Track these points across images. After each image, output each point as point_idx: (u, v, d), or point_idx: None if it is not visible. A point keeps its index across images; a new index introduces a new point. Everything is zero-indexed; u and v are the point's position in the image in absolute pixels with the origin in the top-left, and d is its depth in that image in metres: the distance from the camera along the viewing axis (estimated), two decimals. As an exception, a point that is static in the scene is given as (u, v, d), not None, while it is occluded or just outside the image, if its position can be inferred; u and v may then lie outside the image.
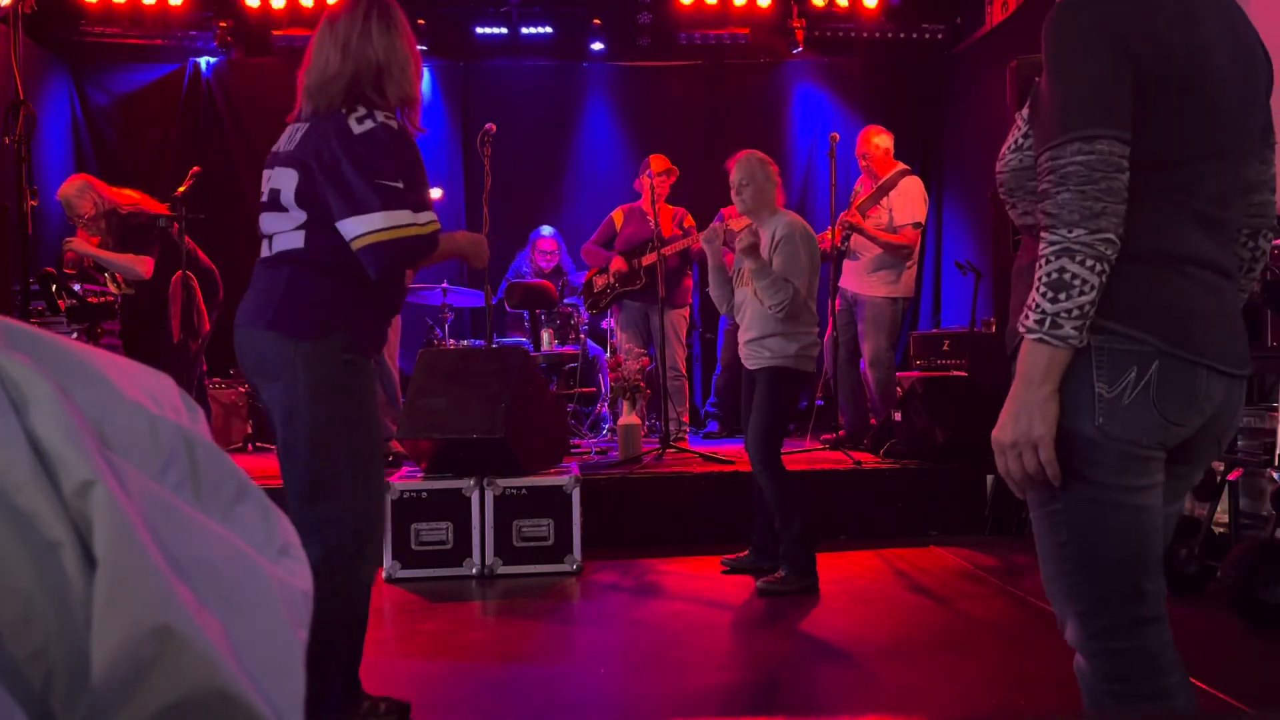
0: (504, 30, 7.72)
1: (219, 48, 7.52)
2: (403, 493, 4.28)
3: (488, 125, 5.15)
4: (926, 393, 5.32)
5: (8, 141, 4.64)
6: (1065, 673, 1.57)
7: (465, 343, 6.57)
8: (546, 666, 3.27)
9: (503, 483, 4.34)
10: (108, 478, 0.46)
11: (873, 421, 5.96)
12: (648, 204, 5.98)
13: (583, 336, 6.59)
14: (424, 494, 4.31)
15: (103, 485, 0.45)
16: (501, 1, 7.57)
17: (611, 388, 5.89)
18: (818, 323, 4.10)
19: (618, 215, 6.48)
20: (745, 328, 4.12)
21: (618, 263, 6.29)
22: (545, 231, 7.13)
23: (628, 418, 5.41)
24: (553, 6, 7.67)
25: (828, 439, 5.93)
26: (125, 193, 5.24)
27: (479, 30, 7.74)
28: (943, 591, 4.03)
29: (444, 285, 6.38)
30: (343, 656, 2.50)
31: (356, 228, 2.35)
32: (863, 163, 6.04)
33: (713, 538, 4.78)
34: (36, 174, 5.78)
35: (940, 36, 7.93)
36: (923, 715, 2.80)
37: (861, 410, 6.06)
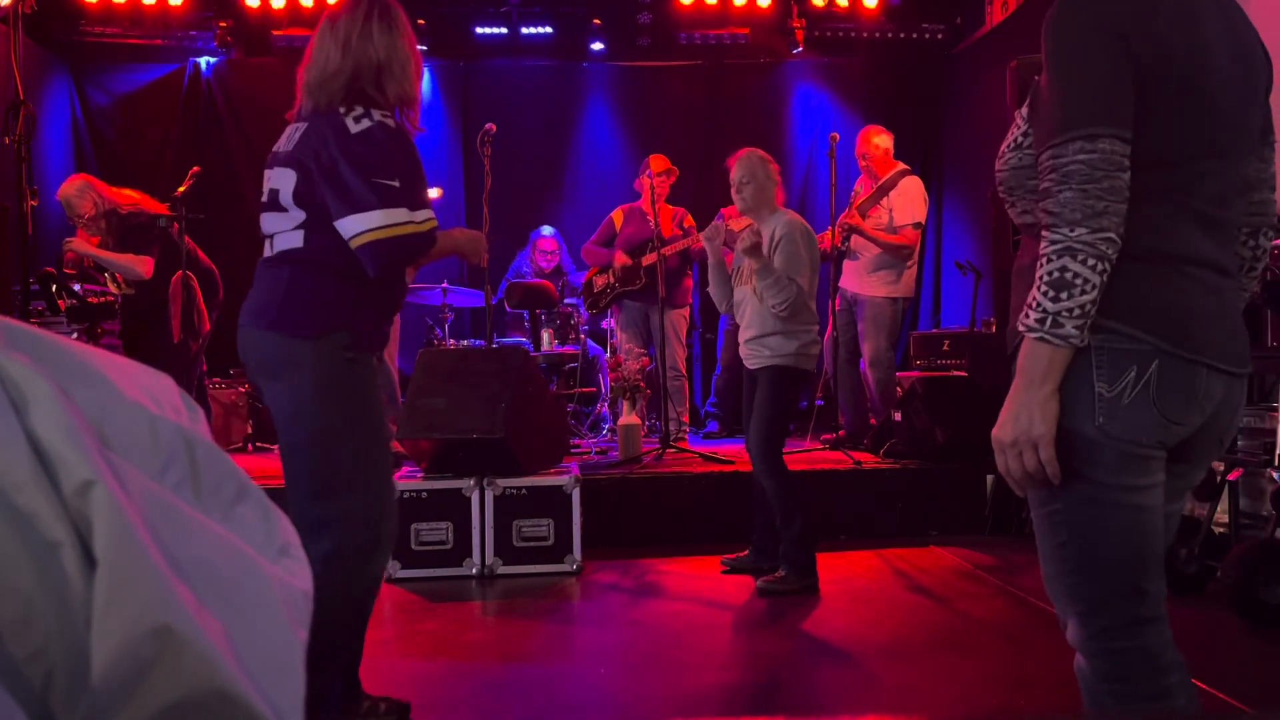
0: (504, 30, 7.72)
1: (219, 48, 7.52)
2: (403, 493, 4.27)
3: (488, 125, 5.16)
4: (926, 393, 5.32)
5: (8, 141, 4.64)
6: (1065, 673, 1.57)
7: (465, 343, 6.57)
8: (546, 666, 3.27)
9: (503, 483, 4.34)
10: (108, 478, 0.46)
11: (873, 421, 5.96)
12: (648, 204, 5.98)
13: (583, 336, 6.59)
14: (424, 494, 4.31)
15: (103, 485, 0.45)
16: (501, 1, 7.57)
17: (611, 388, 5.89)
18: (817, 321, 4.10)
19: (618, 215, 6.48)
20: (745, 326, 4.12)
21: (621, 257, 6.28)
22: (545, 231, 7.13)
23: (628, 418, 5.41)
24: (553, 6, 7.67)
25: (828, 439, 5.93)
26: (125, 193, 5.25)
27: (479, 30, 7.74)
28: (943, 591, 4.03)
29: (444, 285, 6.38)
30: (344, 656, 2.50)
31: (354, 226, 2.36)
32: (862, 163, 6.04)
33: (713, 538, 4.78)
34: (36, 174, 5.79)
35: (940, 36, 7.93)
36: (923, 715, 2.80)
37: (861, 410, 6.06)
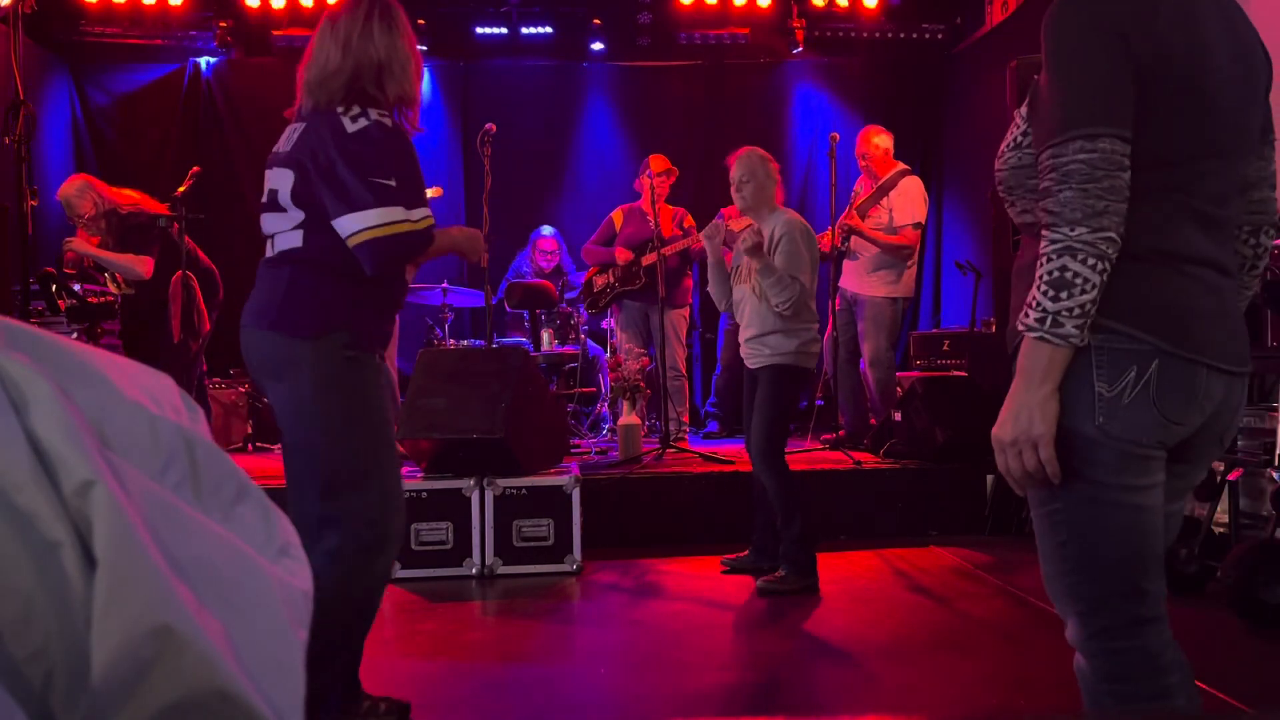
0: (504, 30, 7.72)
1: (219, 48, 7.52)
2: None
3: (488, 125, 5.16)
4: (926, 393, 5.32)
5: (8, 141, 4.64)
6: (1065, 673, 1.57)
7: (465, 343, 6.57)
8: (546, 666, 3.27)
9: (503, 483, 4.34)
10: (108, 478, 0.46)
11: (873, 421, 5.96)
12: (648, 204, 5.98)
13: (583, 336, 6.58)
14: (424, 494, 4.31)
15: (103, 485, 0.45)
16: (501, 1, 7.57)
17: (611, 388, 5.89)
18: (817, 319, 4.11)
19: (617, 215, 6.48)
20: (744, 326, 4.13)
21: (623, 253, 6.27)
22: (545, 231, 7.13)
23: (628, 418, 5.40)
24: (553, 6, 7.67)
25: (828, 439, 5.93)
26: (125, 193, 5.24)
27: (479, 30, 7.74)
28: (943, 591, 4.03)
29: (444, 285, 6.38)
30: (346, 655, 2.50)
31: (351, 225, 2.37)
32: (862, 163, 6.04)
33: (713, 538, 4.78)
34: (36, 174, 5.78)
35: (940, 36, 7.93)
36: (923, 715, 2.80)
37: (861, 410, 6.05)
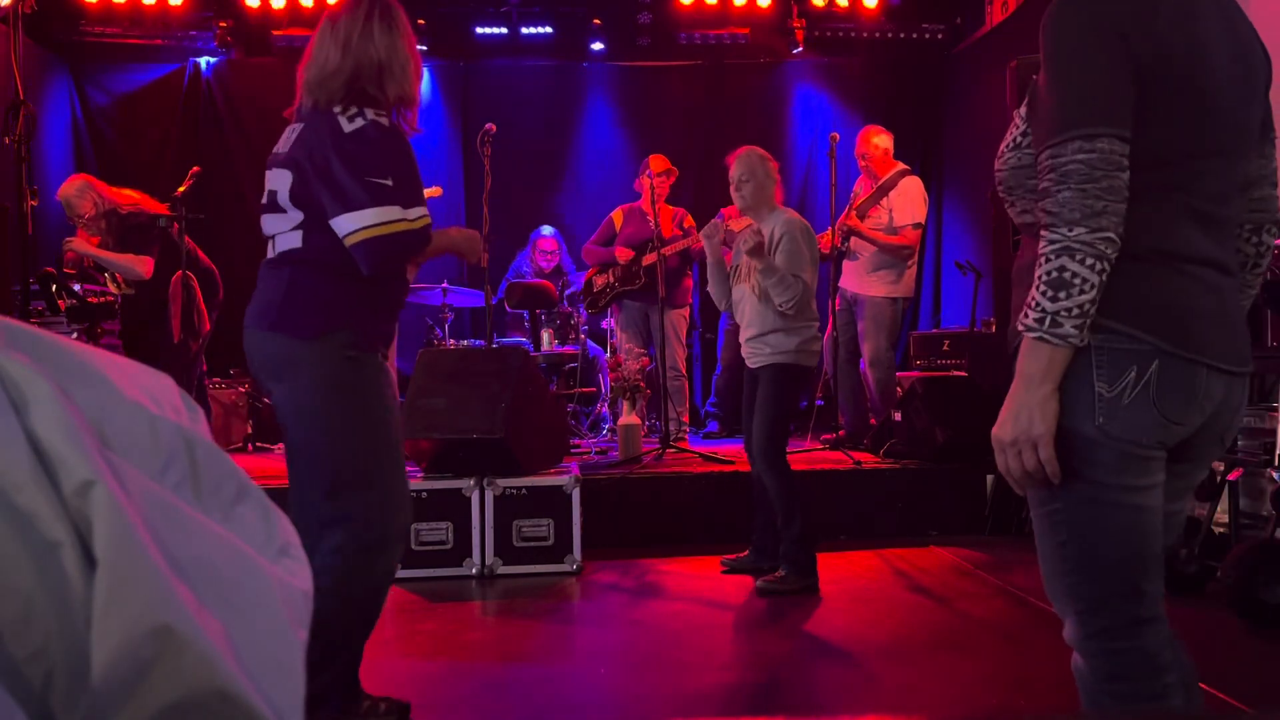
0: (504, 30, 7.72)
1: (219, 48, 7.52)
2: (403, 493, 4.28)
3: (488, 125, 5.16)
4: (926, 393, 5.32)
5: (8, 141, 4.64)
6: (1065, 673, 1.57)
7: (465, 343, 6.57)
8: (546, 666, 3.27)
9: (503, 483, 4.34)
10: (108, 478, 0.46)
11: (873, 421, 5.96)
12: (648, 204, 5.98)
13: (583, 336, 6.58)
14: (424, 494, 4.31)
15: (103, 485, 0.45)
16: (501, 1, 7.57)
17: (611, 388, 5.89)
18: (817, 318, 4.11)
19: (617, 215, 6.48)
20: (745, 325, 4.13)
21: (624, 252, 6.27)
22: (545, 231, 7.13)
23: (628, 418, 5.40)
24: (553, 6, 7.67)
25: (828, 439, 5.93)
26: (125, 193, 5.24)
27: (479, 30, 7.74)
28: (943, 591, 4.03)
29: (444, 285, 6.38)
30: (346, 655, 2.50)
31: (348, 225, 2.37)
32: (862, 163, 6.04)
33: (713, 538, 4.78)
34: (36, 174, 5.79)
35: (940, 36, 7.93)
36: (923, 715, 2.80)
37: (861, 410, 6.05)
